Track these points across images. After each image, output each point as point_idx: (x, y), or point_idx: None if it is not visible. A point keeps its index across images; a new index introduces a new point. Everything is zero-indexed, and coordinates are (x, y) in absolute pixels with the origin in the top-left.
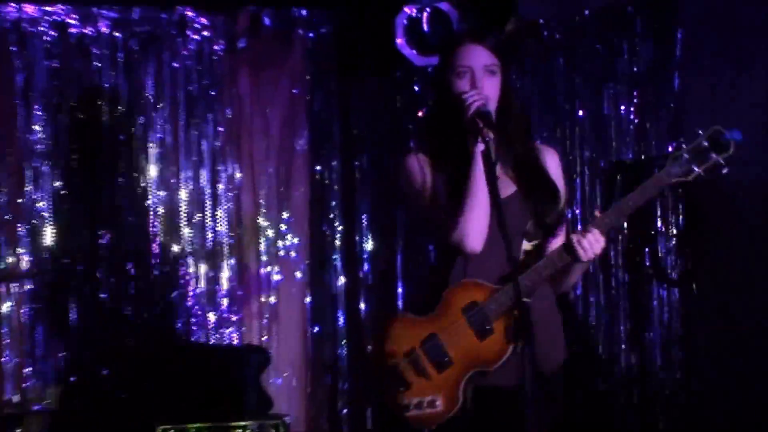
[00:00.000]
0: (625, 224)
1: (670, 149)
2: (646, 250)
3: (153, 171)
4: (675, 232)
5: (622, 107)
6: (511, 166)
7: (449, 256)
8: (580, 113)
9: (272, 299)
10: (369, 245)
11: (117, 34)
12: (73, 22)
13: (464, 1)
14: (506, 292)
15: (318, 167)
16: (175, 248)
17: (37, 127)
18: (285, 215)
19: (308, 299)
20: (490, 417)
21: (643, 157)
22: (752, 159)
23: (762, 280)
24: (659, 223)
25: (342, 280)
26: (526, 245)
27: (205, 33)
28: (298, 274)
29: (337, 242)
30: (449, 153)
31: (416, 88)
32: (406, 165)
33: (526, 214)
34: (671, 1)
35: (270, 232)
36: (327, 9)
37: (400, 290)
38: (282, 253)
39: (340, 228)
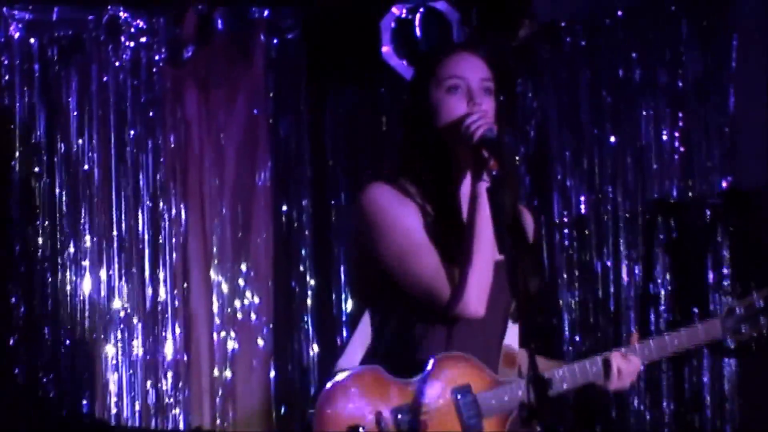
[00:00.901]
0: (670, 278)
1: (724, 185)
2: (695, 311)
3: (76, 212)
4: (731, 288)
5: (664, 132)
6: (499, 226)
7: (425, 319)
8: (612, 139)
9: (227, 373)
10: (349, 305)
11: (32, 40)
12: None
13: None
14: (512, 390)
15: (284, 207)
16: (105, 313)
17: None
18: (243, 267)
19: (273, 373)
20: None
21: (690, 194)
22: None
23: None
24: (711, 277)
25: (315, 348)
26: (512, 327)
27: (143, 39)
28: (260, 342)
29: (309, 301)
30: (432, 188)
31: None
32: (371, 197)
33: (508, 290)
34: None
35: (225, 289)
36: (295, 8)
37: None
38: (240, 315)
39: (312, 283)
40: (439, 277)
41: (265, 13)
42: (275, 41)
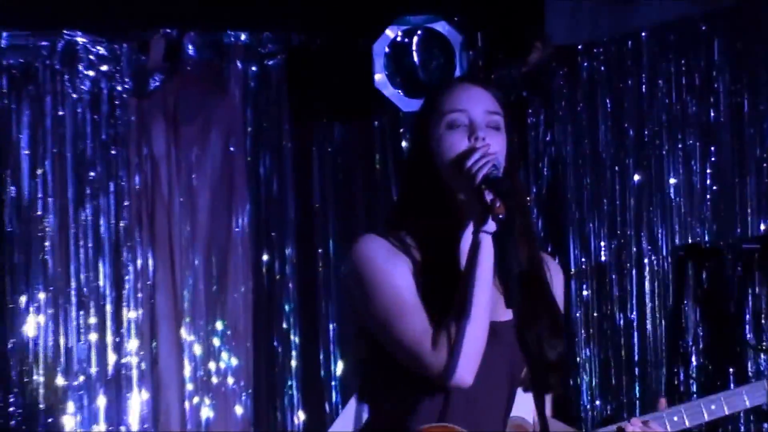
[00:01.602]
0: (702, 333)
1: (762, 228)
2: (731, 371)
3: (29, 265)
4: None
5: (695, 169)
6: (507, 280)
7: (419, 386)
8: (635, 178)
9: None
10: (339, 367)
11: None
12: None
13: (470, 21)
14: None
15: (265, 257)
16: (60, 378)
17: None
18: (219, 325)
19: None
20: None
21: (723, 239)
22: None
23: None
24: (748, 332)
25: (300, 416)
26: (522, 396)
27: (104, 67)
28: (238, 410)
29: (293, 363)
30: (431, 240)
31: (403, 144)
32: (360, 252)
33: (521, 353)
34: (758, 11)
35: (198, 350)
36: (276, 32)
37: None
38: (215, 379)
39: (296, 342)
40: (425, 341)
41: (243, 37)
42: (254, 69)
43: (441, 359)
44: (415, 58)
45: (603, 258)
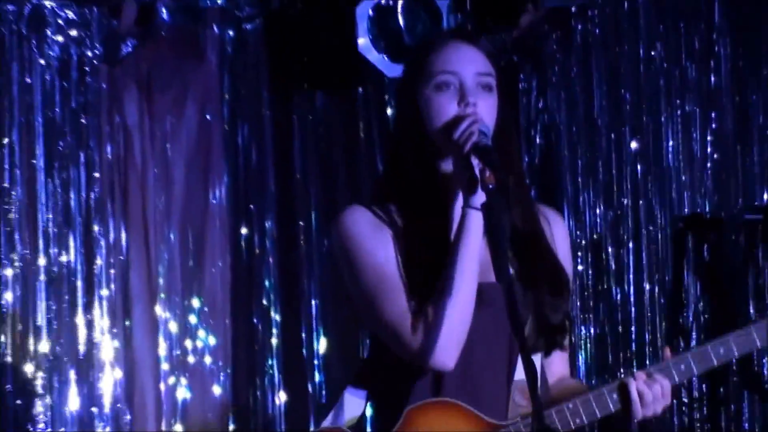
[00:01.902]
0: (702, 307)
1: (765, 197)
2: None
3: None
4: None
5: (694, 136)
6: (496, 250)
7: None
8: (633, 146)
9: (178, 428)
10: (322, 345)
11: None
12: None
13: None
14: None
15: (244, 230)
16: (29, 358)
17: None
18: (195, 302)
19: (231, 427)
20: None
21: (725, 209)
22: None
23: None
24: (751, 306)
25: (282, 397)
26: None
27: (73, 32)
28: (216, 390)
29: (274, 341)
30: (418, 211)
31: (389, 111)
32: (343, 224)
33: (523, 312)
34: None
35: (173, 328)
36: None
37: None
38: (192, 358)
39: (277, 319)
40: (404, 323)
41: (219, 0)
42: (231, 34)
43: (419, 342)
44: (401, 22)
45: (598, 230)
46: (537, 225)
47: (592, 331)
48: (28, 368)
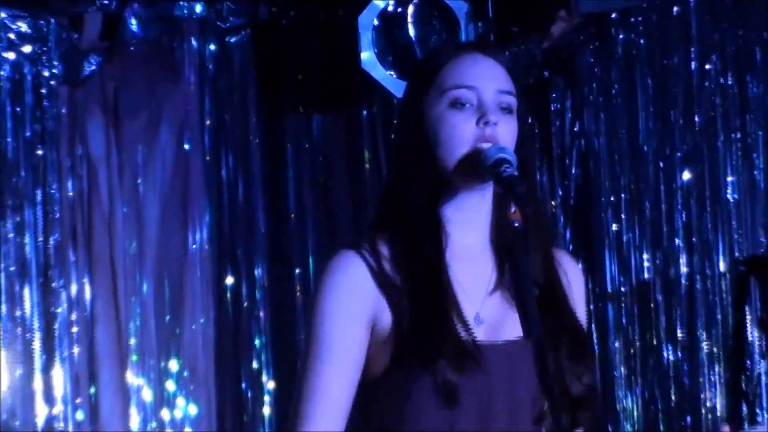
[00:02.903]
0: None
1: None
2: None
3: None
4: None
5: (758, 164)
6: (523, 304)
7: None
8: (685, 176)
9: None
10: None
11: None
12: None
13: None
14: None
15: (230, 279)
16: None
17: None
18: (173, 365)
19: None
20: None
21: None
22: None
23: None
24: None
25: None
26: None
27: (27, 48)
28: None
29: (267, 411)
30: (417, 253)
31: None
32: (325, 275)
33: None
34: None
35: (147, 396)
36: (239, 2)
37: None
38: (169, 431)
39: (270, 386)
40: (309, 414)
41: (198, 9)
42: (212, 48)
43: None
44: (411, 32)
45: (645, 276)
46: (556, 276)
47: (638, 397)
48: None
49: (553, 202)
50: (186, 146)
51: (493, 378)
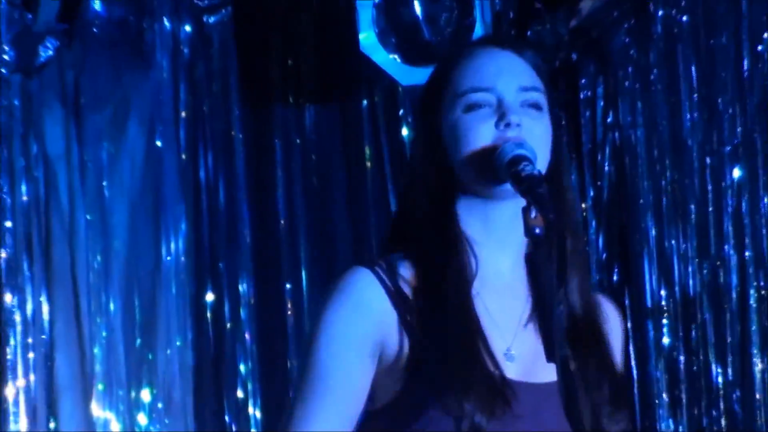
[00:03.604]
0: None
1: None
2: None
3: None
4: None
5: None
6: (547, 323)
7: None
8: (735, 174)
9: None
10: None
11: None
12: None
13: None
14: None
15: (210, 296)
16: None
17: None
18: (145, 396)
19: None
20: None
21: None
22: None
23: None
24: None
25: None
26: None
27: None
28: None
29: None
30: (435, 272)
31: (404, 131)
32: (341, 290)
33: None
34: None
35: (116, 430)
36: None
37: None
38: None
39: (257, 416)
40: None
41: None
42: (188, 29)
43: None
44: (418, 10)
45: (691, 289)
46: (594, 309)
47: (686, 426)
48: None
49: (583, 205)
50: (158, 143)
51: (520, 421)
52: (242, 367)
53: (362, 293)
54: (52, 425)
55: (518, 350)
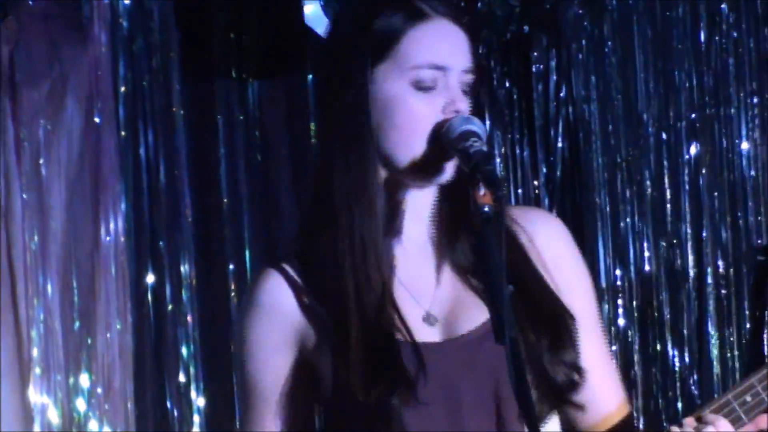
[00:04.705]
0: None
1: None
2: None
3: None
4: None
5: None
6: (496, 302)
7: None
8: (691, 150)
9: None
10: None
11: None
12: None
13: None
14: None
15: (150, 278)
16: None
17: None
18: (84, 381)
19: None
20: None
21: None
22: None
23: None
24: None
25: None
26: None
27: None
28: None
29: None
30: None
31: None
32: (251, 298)
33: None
34: None
35: (54, 417)
36: None
37: None
38: None
39: (200, 403)
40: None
41: None
42: (126, 2)
43: None
44: None
45: (647, 268)
46: (522, 254)
47: (640, 406)
48: None
49: (535, 182)
50: (96, 119)
51: (455, 378)
52: (184, 351)
53: (271, 296)
54: None
55: (438, 310)
